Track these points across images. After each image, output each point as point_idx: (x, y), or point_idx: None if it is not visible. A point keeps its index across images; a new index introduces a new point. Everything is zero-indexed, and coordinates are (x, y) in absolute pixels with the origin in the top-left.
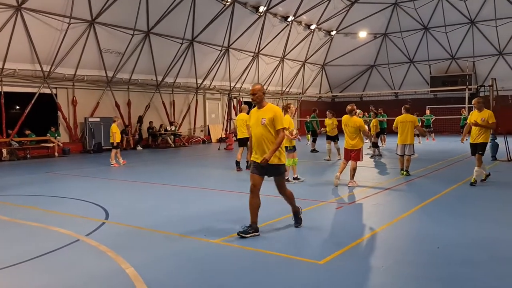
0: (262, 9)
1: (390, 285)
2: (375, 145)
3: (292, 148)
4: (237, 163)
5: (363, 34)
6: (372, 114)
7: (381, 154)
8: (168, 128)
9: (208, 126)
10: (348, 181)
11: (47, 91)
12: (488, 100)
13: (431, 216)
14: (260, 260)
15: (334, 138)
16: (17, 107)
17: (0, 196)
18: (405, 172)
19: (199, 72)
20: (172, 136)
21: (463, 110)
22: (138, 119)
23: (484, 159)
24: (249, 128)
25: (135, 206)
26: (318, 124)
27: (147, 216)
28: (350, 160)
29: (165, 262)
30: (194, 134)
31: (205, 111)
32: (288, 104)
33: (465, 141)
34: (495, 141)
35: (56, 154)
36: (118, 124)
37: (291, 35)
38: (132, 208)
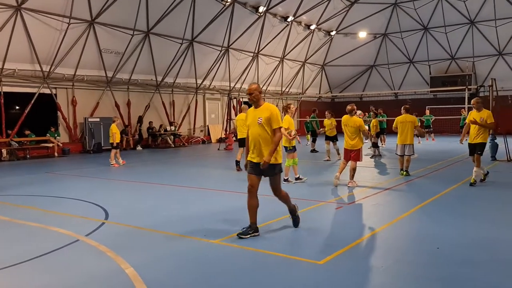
0: (262, 9)
1: (390, 285)
2: (375, 145)
3: (291, 148)
4: (236, 163)
5: (363, 34)
6: (372, 114)
7: (380, 154)
8: (168, 128)
9: (208, 126)
10: (347, 181)
11: (47, 91)
12: (487, 101)
13: (431, 216)
14: (260, 260)
15: (333, 138)
16: (16, 107)
17: (0, 196)
18: (404, 172)
19: (199, 72)
20: (172, 136)
21: (462, 110)
22: (138, 119)
23: (483, 159)
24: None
25: (135, 206)
26: (318, 124)
27: (146, 216)
28: (350, 160)
29: (164, 262)
30: (194, 134)
31: (205, 111)
32: (288, 105)
33: (464, 141)
34: (495, 141)
35: (55, 154)
36: (118, 124)
37: (291, 35)
38: (132, 208)
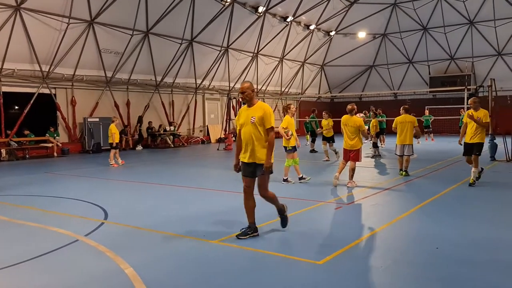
0: (261, 9)
1: (389, 285)
2: (374, 145)
3: (291, 148)
4: None
5: (362, 35)
6: (372, 114)
7: (380, 154)
8: (167, 128)
9: (207, 126)
10: (347, 181)
11: (46, 91)
12: (487, 101)
13: (430, 216)
14: (259, 260)
15: (329, 139)
16: (16, 107)
17: None
18: (404, 173)
19: (198, 72)
20: (171, 136)
21: (462, 110)
22: (138, 119)
23: (483, 160)
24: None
25: (134, 206)
26: (317, 125)
27: (146, 216)
28: (349, 160)
29: (164, 262)
30: (193, 134)
31: (204, 111)
32: (288, 105)
33: (463, 142)
34: (494, 141)
35: (55, 154)
36: (117, 124)
37: (290, 36)
38: (131, 208)
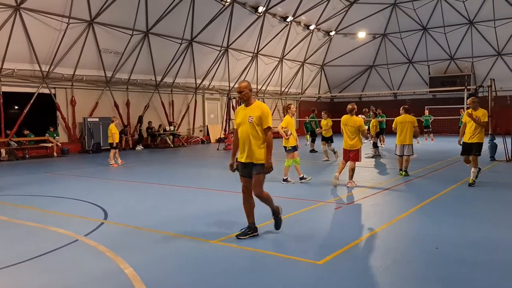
0: (261, 9)
1: (389, 285)
2: (374, 145)
3: (290, 148)
4: None
5: (362, 35)
6: (372, 114)
7: (380, 154)
8: (167, 128)
9: (207, 126)
10: (347, 181)
11: (46, 91)
12: (486, 101)
13: (430, 216)
14: (259, 260)
15: (328, 139)
16: (15, 107)
17: None
18: (404, 173)
19: (198, 72)
20: (171, 136)
21: (461, 110)
22: (138, 119)
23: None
24: None
25: (134, 206)
26: (317, 125)
27: (145, 216)
28: (349, 160)
29: (164, 262)
30: (193, 134)
31: (204, 111)
32: (288, 105)
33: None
34: (494, 141)
35: (54, 154)
36: (117, 124)
37: (290, 36)
38: (131, 208)
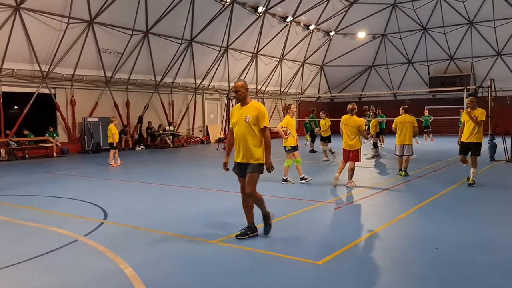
0: (261, 9)
1: (389, 285)
2: (374, 145)
3: (290, 148)
4: None
5: (362, 35)
6: (372, 114)
7: (380, 154)
8: (167, 128)
9: (206, 126)
10: (346, 181)
11: (46, 91)
12: (486, 101)
13: (430, 216)
14: (259, 260)
15: (326, 139)
16: (15, 107)
17: None
18: (403, 173)
19: (198, 72)
20: (171, 136)
21: (461, 110)
22: (138, 119)
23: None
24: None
25: (134, 206)
26: (316, 125)
27: (145, 216)
28: (349, 160)
29: (163, 262)
30: (192, 134)
31: (203, 111)
32: (289, 105)
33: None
34: (493, 141)
35: (54, 154)
36: (116, 124)
37: (290, 36)
38: (131, 208)
